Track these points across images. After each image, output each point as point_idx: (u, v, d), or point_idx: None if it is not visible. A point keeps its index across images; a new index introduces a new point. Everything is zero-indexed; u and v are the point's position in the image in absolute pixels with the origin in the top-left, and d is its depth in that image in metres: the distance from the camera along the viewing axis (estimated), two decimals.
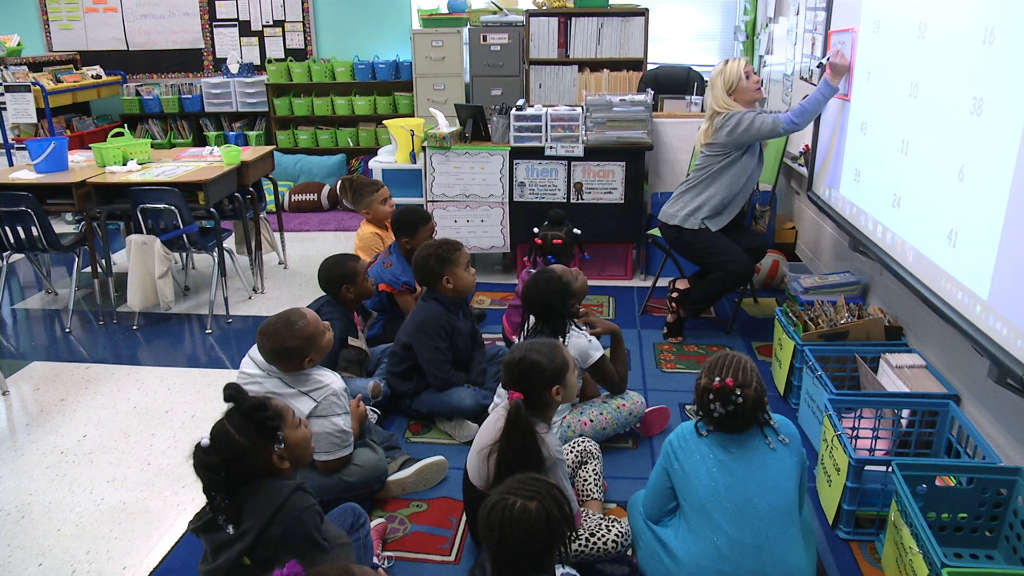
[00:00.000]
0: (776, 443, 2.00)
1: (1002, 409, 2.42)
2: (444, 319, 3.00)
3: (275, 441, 1.79)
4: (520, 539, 1.55)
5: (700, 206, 3.64)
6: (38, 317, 4.46)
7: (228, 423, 1.78)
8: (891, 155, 2.81)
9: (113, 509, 2.62)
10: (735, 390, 1.94)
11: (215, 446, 1.75)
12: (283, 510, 1.74)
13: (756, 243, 3.77)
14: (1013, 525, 2.13)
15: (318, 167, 6.66)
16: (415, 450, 2.83)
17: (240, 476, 1.77)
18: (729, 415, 1.97)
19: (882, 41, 2.96)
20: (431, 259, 3.00)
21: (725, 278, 3.64)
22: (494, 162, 4.49)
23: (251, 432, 1.77)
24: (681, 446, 2.07)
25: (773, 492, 1.96)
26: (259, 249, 4.71)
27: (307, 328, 2.39)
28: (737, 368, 1.99)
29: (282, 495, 1.76)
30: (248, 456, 1.76)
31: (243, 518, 1.74)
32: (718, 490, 1.96)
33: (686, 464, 2.03)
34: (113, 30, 6.95)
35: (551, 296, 2.69)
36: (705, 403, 1.99)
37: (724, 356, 2.05)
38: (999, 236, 2.07)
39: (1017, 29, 2.02)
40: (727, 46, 6.39)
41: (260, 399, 1.83)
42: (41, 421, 3.22)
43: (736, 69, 3.52)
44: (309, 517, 1.78)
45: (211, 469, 1.73)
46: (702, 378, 2.03)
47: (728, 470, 1.98)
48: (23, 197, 3.94)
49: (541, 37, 5.75)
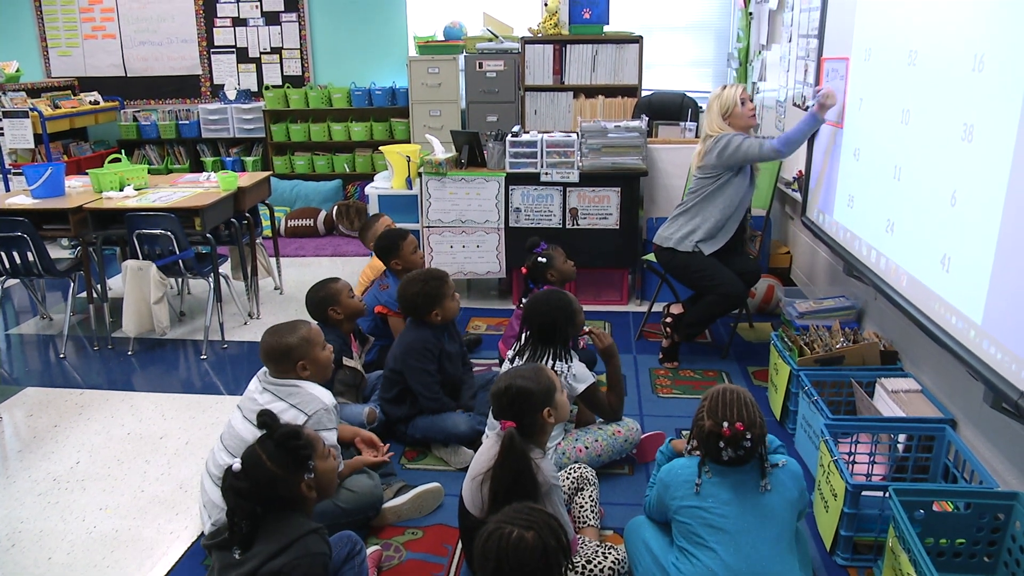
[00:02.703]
0: (774, 475, 1.96)
1: (998, 434, 2.42)
2: (432, 342, 3.01)
3: (306, 471, 1.79)
4: (516, 569, 1.55)
5: (694, 229, 3.69)
6: (32, 342, 4.44)
7: (260, 449, 1.77)
8: (884, 181, 2.83)
9: (105, 537, 2.60)
10: (745, 434, 1.89)
11: (246, 472, 1.74)
12: (294, 546, 1.73)
13: (749, 267, 3.79)
14: (1011, 550, 2.12)
15: (314, 193, 6.68)
16: (411, 476, 2.81)
17: (268, 503, 1.77)
18: (736, 459, 1.93)
19: (874, 68, 2.99)
20: (419, 297, 3.02)
21: (718, 301, 3.65)
22: (490, 188, 4.51)
23: (283, 460, 1.77)
24: (676, 483, 2.03)
25: (772, 523, 1.94)
26: (255, 275, 4.71)
27: (308, 332, 2.44)
28: (742, 407, 1.92)
29: (298, 531, 1.75)
30: (278, 484, 1.76)
31: (254, 545, 1.73)
32: (716, 523, 1.94)
33: (684, 500, 2.00)
34: (111, 56, 7.00)
35: (558, 315, 2.71)
36: (713, 447, 1.94)
37: (724, 394, 1.97)
38: (992, 261, 2.09)
39: (1006, 57, 2.05)
40: (720, 73, 6.46)
41: (294, 428, 1.84)
42: (34, 447, 3.19)
43: (733, 95, 3.62)
44: (316, 562, 1.76)
45: (240, 495, 1.72)
46: (705, 420, 1.96)
47: (726, 503, 1.95)
48: (19, 223, 3.95)
49: (536, 64, 5.81)
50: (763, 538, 1.92)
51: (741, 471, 1.97)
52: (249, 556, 1.72)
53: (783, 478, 1.99)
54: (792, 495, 1.98)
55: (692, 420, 2.06)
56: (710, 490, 1.97)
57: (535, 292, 3.53)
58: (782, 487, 1.98)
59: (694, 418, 2.03)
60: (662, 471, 2.12)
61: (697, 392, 3.53)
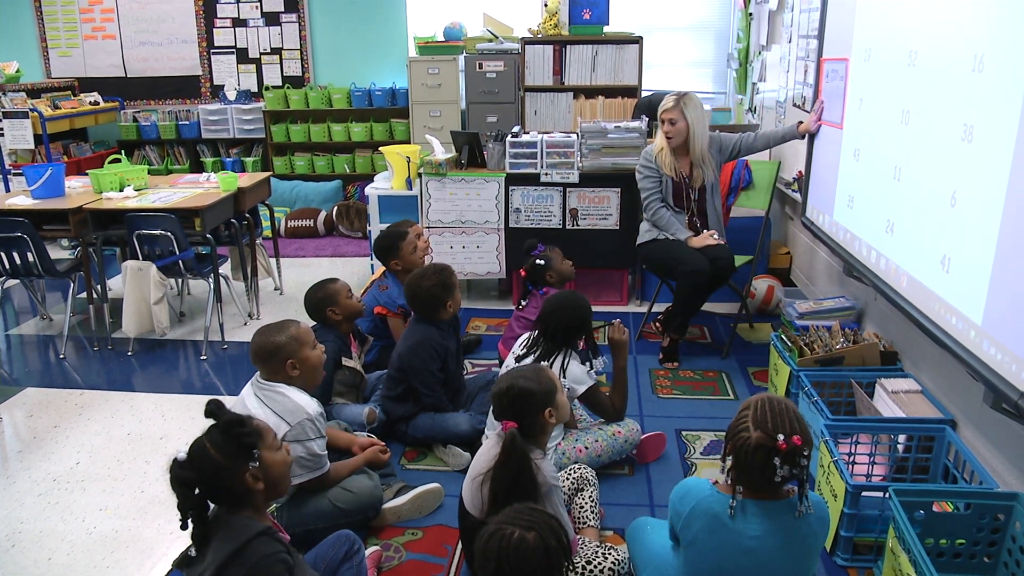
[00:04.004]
0: (805, 513, 1.75)
1: (998, 434, 2.42)
2: (438, 342, 3.01)
3: (250, 459, 1.74)
4: (517, 569, 1.54)
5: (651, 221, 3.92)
6: (32, 343, 4.44)
7: (206, 438, 1.74)
8: (884, 181, 2.83)
9: (105, 537, 2.60)
10: (803, 449, 1.62)
11: (191, 461, 1.71)
12: (243, 553, 1.67)
13: (718, 253, 3.70)
14: (1011, 551, 2.12)
15: (314, 193, 6.68)
16: (411, 477, 2.81)
17: (214, 495, 1.73)
18: (789, 478, 1.67)
19: (874, 69, 2.99)
20: (436, 288, 3.00)
21: (684, 282, 3.71)
22: (490, 188, 4.51)
23: (227, 448, 1.72)
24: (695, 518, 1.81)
25: (791, 569, 1.81)
26: (255, 275, 4.71)
27: (297, 331, 2.42)
28: (794, 420, 1.66)
29: (245, 535, 1.69)
30: (223, 473, 1.71)
31: (207, 548, 1.70)
32: (730, 570, 1.81)
33: (699, 542, 1.82)
34: (112, 57, 7.00)
35: (583, 312, 2.75)
36: (761, 463, 1.66)
37: (768, 403, 1.72)
38: (992, 261, 2.09)
39: (1006, 57, 2.05)
40: (720, 73, 6.46)
41: (240, 416, 1.79)
42: (34, 448, 3.19)
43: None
44: (272, 564, 1.69)
45: (185, 484, 1.69)
46: (750, 432, 1.68)
47: (746, 551, 1.77)
48: (19, 223, 3.95)
49: (536, 64, 5.81)
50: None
51: (772, 510, 1.76)
52: (205, 565, 1.67)
53: (814, 526, 1.81)
54: (818, 543, 1.84)
55: (727, 434, 1.78)
56: (733, 543, 1.75)
57: (535, 295, 3.54)
58: (812, 535, 1.81)
59: (731, 430, 1.77)
60: (672, 493, 1.91)
61: (697, 393, 3.53)
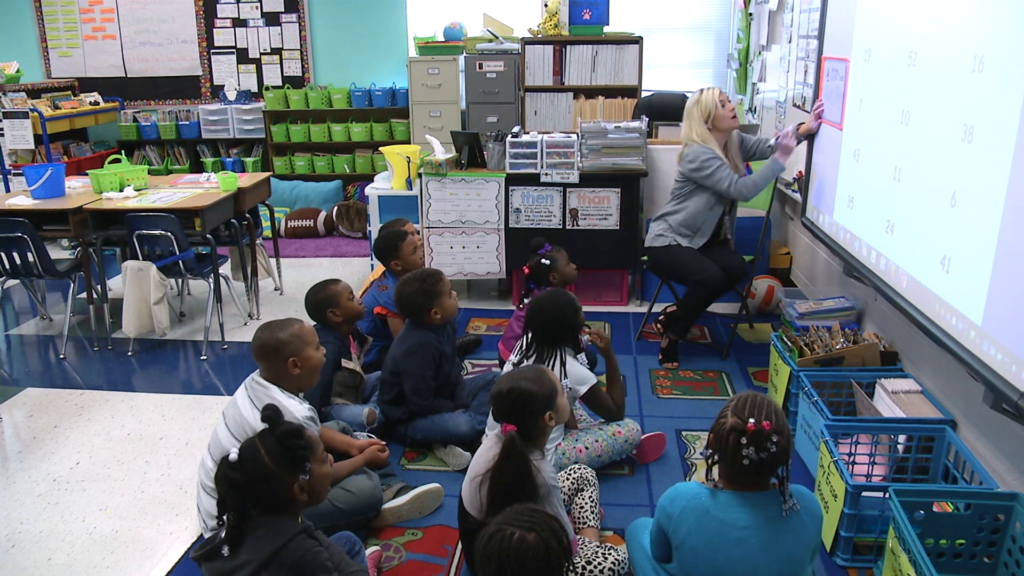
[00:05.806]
0: (791, 510, 1.82)
1: (998, 434, 2.42)
2: (434, 347, 3.01)
3: (302, 471, 1.77)
4: (518, 570, 1.54)
5: (671, 225, 3.82)
6: (32, 343, 4.44)
7: (260, 443, 1.76)
8: (884, 181, 2.83)
9: (105, 538, 2.60)
10: (771, 435, 1.75)
11: (242, 463, 1.73)
12: (283, 552, 1.71)
13: (733, 262, 3.81)
14: (1012, 551, 2.12)
15: (314, 193, 6.68)
16: (411, 477, 2.81)
17: (258, 499, 1.75)
18: (757, 464, 1.77)
19: (874, 69, 2.99)
20: (417, 295, 3.02)
21: (695, 290, 3.70)
22: (490, 189, 4.51)
23: (281, 457, 1.75)
24: (685, 517, 1.87)
25: (783, 564, 1.82)
26: (255, 275, 4.71)
27: (301, 329, 2.43)
28: (770, 411, 1.78)
29: (285, 536, 1.73)
30: (272, 481, 1.74)
31: (242, 547, 1.72)
32: (723, 564, 1.83)
33: (690, 540, 1.86)
34: (112, 57, 7.00)
35: (567, 311, 2.72)
36: (732, 447, 1.78)
37: (751, 396, 1.84)
38: (992, 262, 2.09)
39: (1006, 57, 2.05)
40: (720, 73, 6.46)
41: (297, 426, 1.82)
42: (33, 448, 3.19)
43: (712, 98, 3.69)
44: (311, 558, 1.75)
45: (233, 486, 1.71)
46: (727, 418, 1.81)
47: (736, 542, 1.81)
48: (19, 223, 3.95)
49: (536, 64, 5.81)
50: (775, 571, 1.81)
51: (757, 503, 1.83)
52: (239, 563, 1.70)
53: (805, 519, 1.85)
54: (811, 537, 1.86)
55: (712, 426, 1.89)
56: (719, 535, 1.82)
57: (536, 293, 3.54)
58: (803, 529, 1.84)
59: (714, 422, 1.88)
60: (662, 498, 1.95)
61: (697, 393, 3.54)
